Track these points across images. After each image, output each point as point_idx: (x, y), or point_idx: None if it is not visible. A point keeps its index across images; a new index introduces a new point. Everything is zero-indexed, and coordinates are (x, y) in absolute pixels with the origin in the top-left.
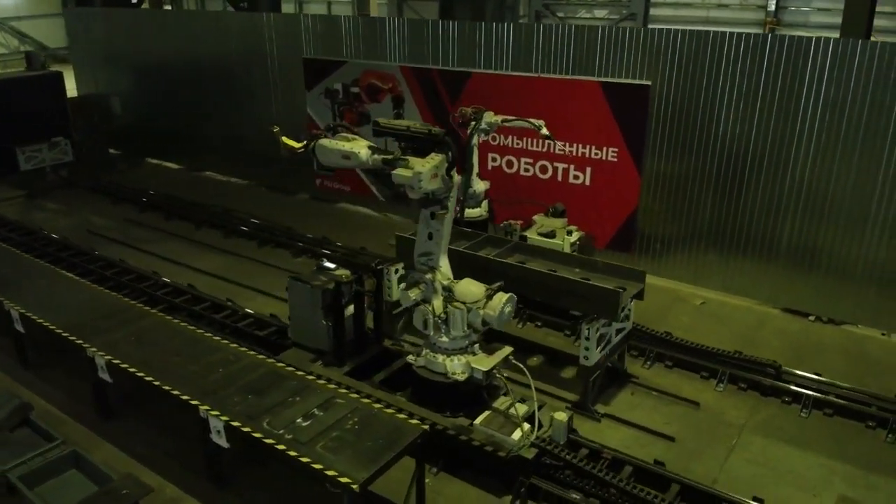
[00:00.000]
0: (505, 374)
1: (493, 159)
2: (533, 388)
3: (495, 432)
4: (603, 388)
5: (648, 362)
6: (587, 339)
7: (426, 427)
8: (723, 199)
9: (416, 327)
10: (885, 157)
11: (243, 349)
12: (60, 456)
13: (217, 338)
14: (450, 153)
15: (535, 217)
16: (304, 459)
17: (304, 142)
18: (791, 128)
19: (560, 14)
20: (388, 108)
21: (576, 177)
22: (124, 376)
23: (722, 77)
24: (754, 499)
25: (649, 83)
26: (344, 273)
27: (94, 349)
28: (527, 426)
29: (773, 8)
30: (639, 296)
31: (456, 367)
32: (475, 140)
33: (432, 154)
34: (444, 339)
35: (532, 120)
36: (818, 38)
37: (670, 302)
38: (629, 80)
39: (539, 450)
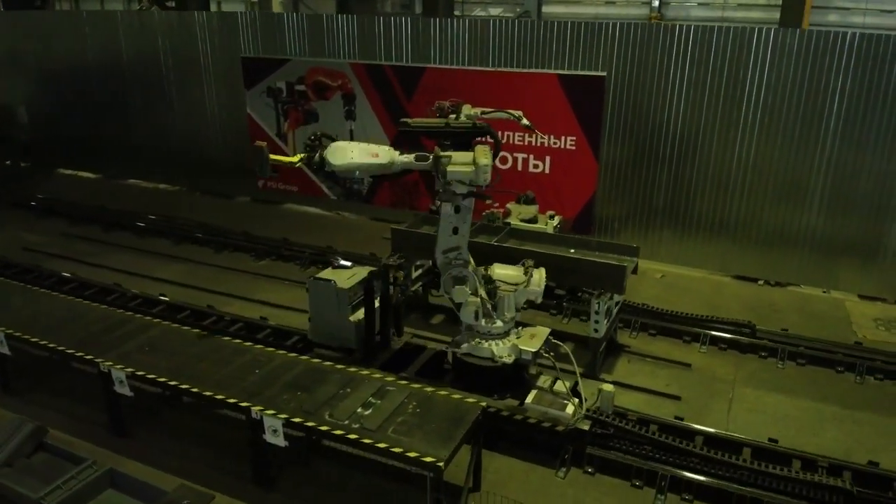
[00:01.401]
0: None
1: None
2: (575, 363)
3: (548, 409)
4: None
5: (634, 332)
6: (597, 312)
7: (484, 404)
8: (676, 180)
9: (466, 322)
10: (821, 134)
11: (270, 349)
12: (97, 476)
13: (237, 341)
14: (495, 143)
15: (509, 205)
16: (382, 445)
17: (303, 154)
18: (736, 111)
19: (456, 12)
20: (337, 105)
21: (535, 166)
22: (152, 388)
23: (672, 66)
24: (769, 440)
25: (604, 74)
26: (367, 269)
27: (109, 363)
28: (575, 400)
29: (656, 4)
30: (634, 270)
31: (502, 350)
32: None
33: (480, 146)
34: (499, 323)
35: (511, 111)
36: (760, 28)
37: (633, 277)
38: (585, 72)
39: (592, 421)
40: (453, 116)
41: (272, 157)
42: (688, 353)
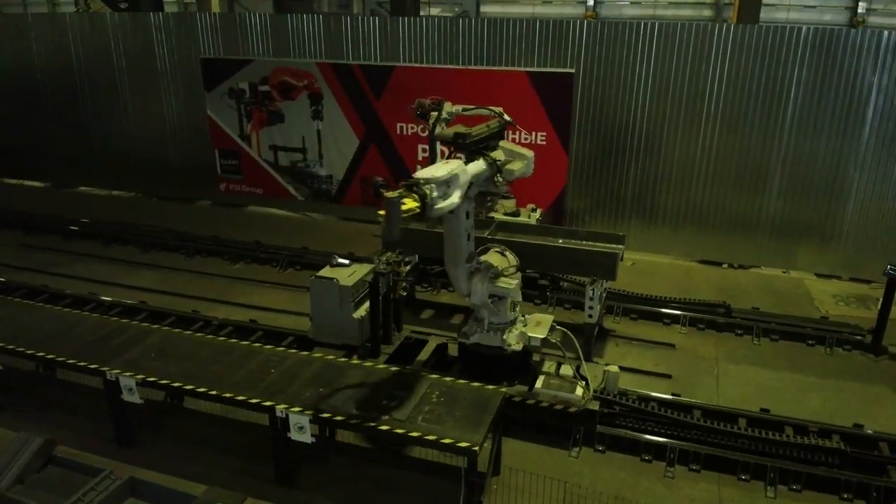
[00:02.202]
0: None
1: (424, 150)
2: (579, 348)
3: (558, 392)
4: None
5: (617, 317)
6: (591, 299)
7: (504, 390)
8: (642, 172)
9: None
10: (779, 123)
11: (281, 349)
12: (118, 486)
13: (246, 342)
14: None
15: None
16: (415, 434)
17: (413, 195)
18: (699, 103)
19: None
20: (304, 105)
21: None
22: (163, 393)
23: (638, 62)
24: (762, 410)
25: (573, 71)
26: (366, 266)
27: (117, 371)
28: (583, 382)
29: (591, 3)
30: (621, 257)
31: (511, 338)
32: (438, 131)
33: (505, 142)
34: (518, 309)
35: (492, 107)
36: (720, 24)
37: None
38: (554, 69)
39: (600, 401)
40: (435, 114)
41: (403, 208)
42: (670, 335)
